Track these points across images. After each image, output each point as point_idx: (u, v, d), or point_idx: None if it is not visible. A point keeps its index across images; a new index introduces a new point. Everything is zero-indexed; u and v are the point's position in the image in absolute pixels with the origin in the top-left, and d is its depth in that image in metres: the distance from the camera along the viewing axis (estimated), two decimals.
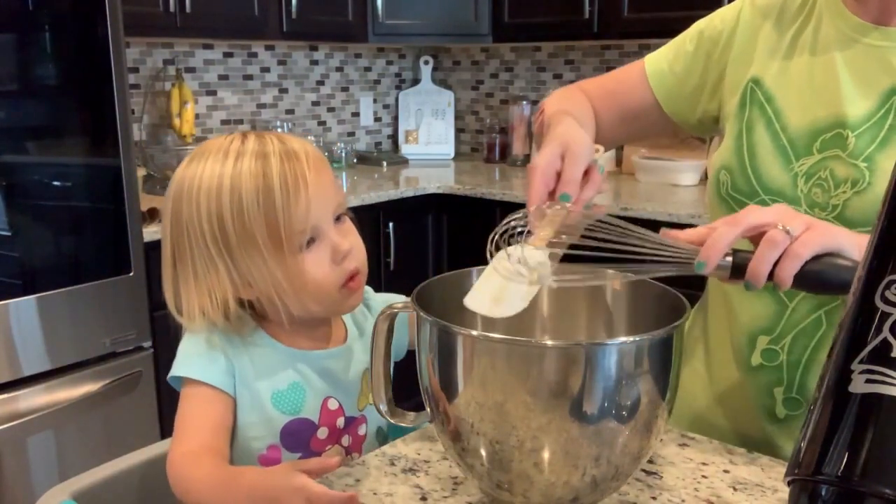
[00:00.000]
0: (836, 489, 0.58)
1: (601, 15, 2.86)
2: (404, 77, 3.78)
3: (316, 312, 0.92)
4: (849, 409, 0.59)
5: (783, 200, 0.93)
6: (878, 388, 0.57)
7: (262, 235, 0.86)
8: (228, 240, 0.86)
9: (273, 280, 0.88)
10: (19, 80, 1.95)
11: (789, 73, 0.97)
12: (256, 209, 0.85)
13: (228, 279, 0.88)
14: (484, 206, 2.87)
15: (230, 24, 2.73)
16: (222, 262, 0.88)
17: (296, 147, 0.90)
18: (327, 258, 0.90)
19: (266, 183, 0.86)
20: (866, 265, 0.63)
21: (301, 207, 0.87)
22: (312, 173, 0.88)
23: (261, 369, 0.92)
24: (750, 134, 0.98)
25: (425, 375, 0.75)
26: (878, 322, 0.59)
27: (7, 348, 1.91)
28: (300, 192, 0.87)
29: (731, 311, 1.00)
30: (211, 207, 0.86)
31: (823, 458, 0.59)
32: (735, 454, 0.90)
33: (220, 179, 0.86)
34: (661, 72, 1.10)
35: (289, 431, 0.92)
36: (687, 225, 2.35)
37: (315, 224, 0.89)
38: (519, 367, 0.68)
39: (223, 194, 0.86)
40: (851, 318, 0.62)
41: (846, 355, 0.61)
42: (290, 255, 0.87)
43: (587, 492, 0.73)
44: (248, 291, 0.90)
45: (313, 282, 0.89)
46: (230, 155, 0.87)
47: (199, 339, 0.91)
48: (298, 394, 0.93)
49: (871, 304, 0.60)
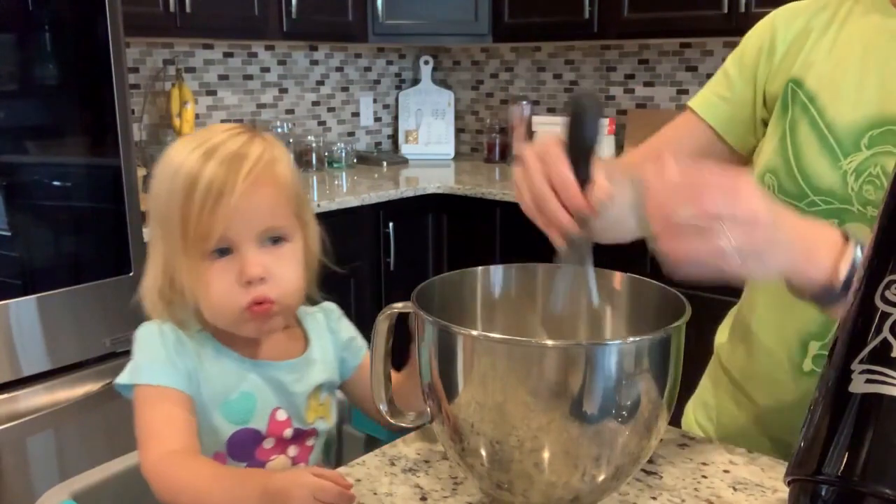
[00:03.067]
0: (836, 489, 0.58)
1: (601, 15, 2.86)
2: (404, 77, 3.78)
3: (219, 324, 0.91)
4: (849, 409, 0.59)
5: (834, 200, 0.92)
6: (878, 388, 0.57)
7: (177, 232, 0.86)
8: (164, 224, 0.88)
9: (186, 276, 0.87)
10: (19, 80, 1.95)
11: (832, 72, 0.95)
12: (178, 204, 0.85)
13: (162, 262, 0.89)
14: (484, 206, 2.87)
15: (230, 24, 2.73)
16: (161, 243, 0.89)
17: (251, 153, 0.86)
18: (233, 276, 0.87)
19: (195, 181, 0.85)
20: (866, 265, 0.63)
21: (216, 216, 0.84)
22: (247, 185, 0.84)
23: (212, 377, 0.91)
24: (794, 135, 0.96)
25: (426, 375, 0.75)
26: (878, 322, 0.59)
27: (7, 348, 1.91)
28: (221, 200, 0.84)
29: (782, 314, 0.98)
30: (161, 188, 0.88)
31: (823, 458, 0.59)
32: (735, 454, 0.90)
33: (172, 165, 0.87)
34: (711, 104, 1.06)
35: (235, 441, 0.91)
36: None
37: (229, 237, 0.86)
38: (519, 366, 0.68)
39: (167, 180, 0.87)
40: (851, 318, 0.62)
41: (846, 355, 0.61)
42: (199, 259, 0.86)
43: (587, 492, 0.73)
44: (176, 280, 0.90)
45: (215, 293, 0.87)
46: (199, 145, 0.87)
47: (155, 344, 0.90)
48: (248, 404, 0.92)
49: (871, 304, 0.60)
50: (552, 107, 3.46)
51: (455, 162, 3.61)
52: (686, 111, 1.09)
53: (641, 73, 3.18)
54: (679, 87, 3.08)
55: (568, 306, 0.81)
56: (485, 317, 0.87)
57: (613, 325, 0.86)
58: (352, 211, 2.74)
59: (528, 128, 3.36)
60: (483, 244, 2.90)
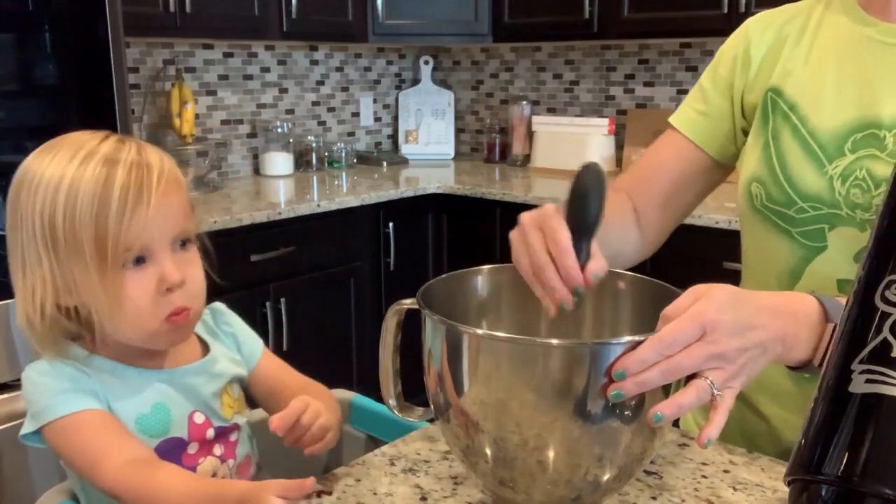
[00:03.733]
0: (836, 489, 0.58)
1: (601, 15, 2.86)
2: (404, 77, 3.78)
3: (132, 340, 0.87)
4: (849, 409, 0.59)
5: (822, 206, 0.92)
6: (878, 388, 0.57)
7: (90, 244, 0.81)
8: (56, 240, 0.82)
9: (92, 292, 0.83)
10: (19, 80, 1.95)
11: (810, 79, 0.96)
12: (89, 215, 0.81)
13: (51, 280, 0.84)
14: (484, 206, 2.87)
15: (230, 24, 2.73)
16: (47, 261, 0.83)
17: (151, 160, 0.85)
18: (152, 284, 0.84)
19: (105, 191, 0.81)
20: (866, 265, 0.63)
21: (135, 224, 0.82)
22: (159, 191, 0.83)
23: (119, 396, 0.88)
24: (777, 143, 0.97)
25: (432, 373, 0.75)
26: (878, 322, 0.59)
27: (7, 348, 1.91)
28: (139, 208, 0.82)
29: None
30: (45, 203, 0.82)
31: (823, 458, 0.59)
32: (735, 454, 0.90)
33: (62, 178, 0.82)
34: (691, 120, 1.08)
35: (161, 453, 0.89)
36: (686, 225, 2.35)
37: (147, 244, 0.84)
38: (523, 365, 0.68)
39: (60, 193, 0.82)
40: (851, 318, 0.62)
41: (846, 355, 0.61)
42: (112, 269, 0.82)
43: (589, 491, 0.73)
44: (68, 298, 0.85)
45: (131, 305, 0.84)
46: (79, 155, 0.83)
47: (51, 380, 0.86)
48: (163, 414, 0.90)
49: (871, 304, 0.60)
50: (552, 107, 3.46)
51: (455, 162, 3.61)
52: (668, 129, 1.11)
53: (641, 73, 3.18)
54: (679, 87, 3.08)
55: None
56: (490, 316, 0.88)
57: (617, 325, 0.87)
58: (352, 211, 2.74)
59: (528, 128, 3.36)
60: (483, 244, 2.90)
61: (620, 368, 0.66)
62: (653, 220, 1.10)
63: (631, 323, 0.85)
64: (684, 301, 0.70)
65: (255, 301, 2.49)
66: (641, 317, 0.82)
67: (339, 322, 2.81)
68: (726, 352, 0.68)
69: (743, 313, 0.70)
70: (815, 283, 0.95)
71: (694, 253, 2.29)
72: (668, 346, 0.67)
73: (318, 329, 2.72)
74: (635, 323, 0.85)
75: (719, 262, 2.07)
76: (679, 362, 0.67)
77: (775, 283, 0.99)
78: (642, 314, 0.82)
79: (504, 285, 0.87)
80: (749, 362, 0.70)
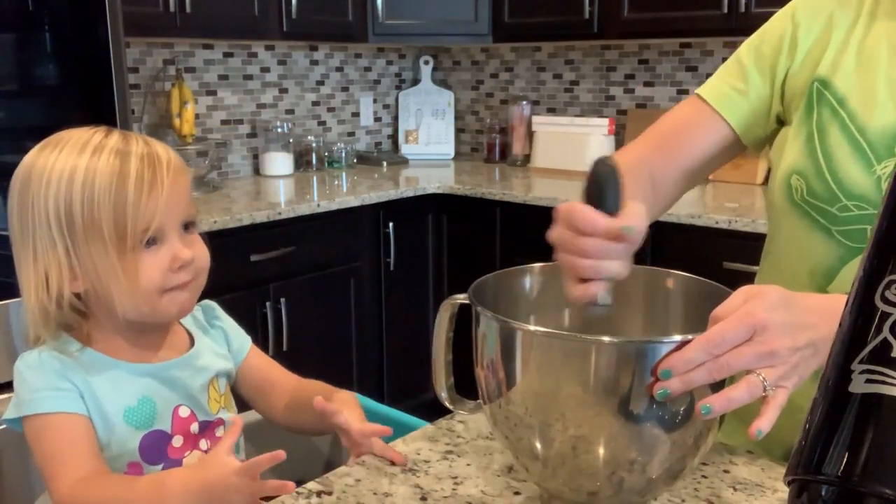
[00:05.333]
0: (836, 489, 0.58)
1: (601, 15, 2.86)
2: (404, 77, 3.78)
3: (142, 315, 0.93)
4: (849, 409, 0.58)
5: (867, 205, 0.90)
6: (878, 388, 0.57)
7: (108, 227, 0.88)
8: (74, 227, 0.88)
9: (112, 271, 0.89)
10: (19, 80, 1.95)
11: (861, 74, 0.93)
12: (107, 201, 0.87)
13: (66, 263, 0.89)
14: (484, 206, 2.87)
15: (230, 24, 2.73)
16: (62, 245, 0.89)
17: (159, 152, 0.92)
18: (165, 262, 0.91)
19: (122, 178, 0.88)
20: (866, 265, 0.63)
21: (151, 206, 0.89)
22: (170, 179, 0.90)
23: (107, 389, 0.92)
24: (823, 136, 0.94)
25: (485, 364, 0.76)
26: (878, 322, 0.59)
27: (7, 348, 1.91)
28: (154, 192, 0.89)
29: None
30: (60, 193, 0.88)
31: (823, 458, 0.59)
32: (735, 454, 0.90)
33: (74, 169, 0.88)
34: (727, 96, 1.02)
35: (144, 446, 0.94)
36: (686, 225, 2.35)
37: (160, 226, 0.90)
38: (572, 361, 0.69)
39: (75, 183, 0.88)
40: (851, 318, 0.62)
41: (846, 355, 0.61)
42: (130, 251, 0.89)
43: (608, 493, 0.73)
44: (76, 284, 0.91)
45: (147, 281, 0.90)
46: (88, 148, 0.89)
47: (37, 373, 0.91)
48: (149, 407, 0.94)
49: (871, 304, 0.60)
50: (552, 107, 3.46)
51: (455, 162, 3.61)
52: (695, 99, 1.05)
53: (641, 73, 3.18)
54: (679, 87, 3.08)
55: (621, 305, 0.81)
56: (539, 312, 0.88)
57: (668, 325, 0.86)
58: (352, 211, 2.74)
59: (528, 128, 3.36)
60: (483, 244, 2.90)
61: (666, 367, 0.66)
62: (667, 192, 1.05)
63: (682, 322, 0.85)
64: (734, 301, 0.70)
65: (255, 301, 2.49)
66: (692, 316, 0.82)
67: (339, 322, 2.81)
68: (777, 350, 0.67)
69: (793, 313, 0.69)
70: (849, 284, 0.92)
71: (694, 253, 2.29)
72: (715, 346, 0.66)
73: (318, 329, 2.72)
74: (686, 323, 0.84)
75: (719, 262, 2.07)
76: (727, 361, 0.67)
77: (807, 280, 0.96)
78: (693, 314, 0.81)
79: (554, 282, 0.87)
80: (801, 362, 0.69)
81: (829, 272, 0.94)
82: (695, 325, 0.74)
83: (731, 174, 2.86)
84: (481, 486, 0.84)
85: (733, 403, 0.67)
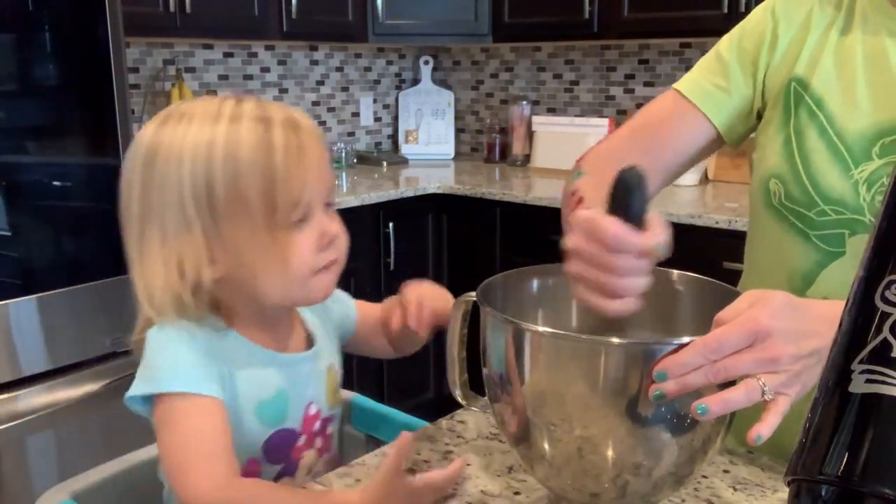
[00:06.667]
0: (836, 489, 0.58)
1: (601, 15, 2.86)
2: (404, 77, 3.78)
3: (295, 299, 0.87)
4: (849, 409, 0.58)
5: (845, 210, 0.90)
6: (878, 388, 0.57)
7: (257, 202, 0.79)
8: (215, 205, 0.79)
9: (260, 252, 0.81)
10: (19, 80, 1.95)
11: (838, 75, 0.92)
12: (254, 173, 0.78)
13: (204, 245, 0.80)
14: (484, 206, 2.87)
15: (230, 24, 2.73)
16: (200, 226, 0.80)
17: (297, 117, 0.84)
18: (313, 240, 0.82)
19: (268, 148, 0.79)
20: (866, 265, 0.63)
21: (300, 179, 0.80)
22: (314, 146, 0.83)
23: (246, 378, 0.85)
24: (801, 139, 0.93)
25: (494, 365, 0.75)
26: (878, 322, 0.59)
27: (7, 348, 1.91)
28: (303, 163, 0.81)
29: None
30: (198, 169, 0.79)
31: (823, 458, 0.58)
32: (735, 454, 0.90)
33: (213, 141, 0.79)
34: (708, 93, 1.01)
35: (272, 444, 0.87)
36: (687, 225, 2.35)
37: (309, 202, 0.82)
38: (580, 362, 0.69)
39: (215, 156, 0.79)
40: (851, 318, 0.62)
41: (846, 355, 0.61)
42: (281, 228, 0.80)
43: (612, 495, 0.72)
44: (215, 269, 0.81)
45: (298, 261, 0.82)
46: (223, 117, 0.80)
47: (181, 347, 0.82)
48: (283, 402, 0.87)
49: (871, 304, 0.60)
50: (552, 107, 3.46)
51: (455, 162, 3.61)
52: (674, 95, 1.03)
53: (641, 73, 3.18)
54: None
55: None
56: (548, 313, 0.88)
57: (677, 326, 0.84)
58: (352, 211, 2.74)
59: (528, 128, 3.36)
60: (483, 244, 2.90)
61: (661, 369, 0.65)
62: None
63: (691, 324, 0.84)
64: (739, 305, 0.68)
65: None
66: (702, 318, 0.80)
67: None
68: (779, 358, 0.66)
69: (799, 321, 0.68)
70: (828, 288, 0.92)
71: (694, 253, 2.29)
72: (712, 351, 0.65)
73: None
74: (695, 324, 0.82)
75: (719, 262, 2.07)
76: (725, 366, 0.65)
77: (786, 285, 0.95)
78: (702, 315, 0.80)
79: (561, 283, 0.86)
80: (805, 370, 0.67)
81: (807, 276, 0.94)
82: (704, 328, 0.73)
83: (731, 174, 2.86)
84: (481, 486, 0.84)
85: (730, 405, 0.66)
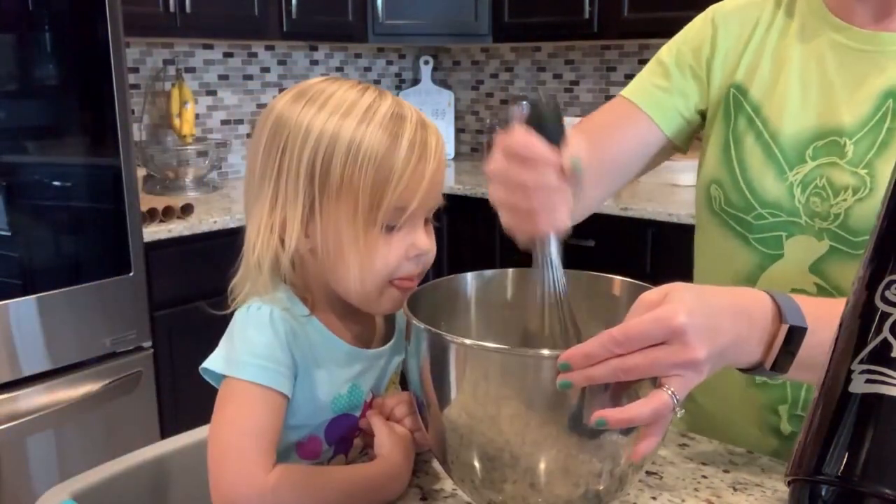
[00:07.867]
0: (836, 489, 0.58)
1: (601, 15, 2.86)
2: (404, 77, 3.78)
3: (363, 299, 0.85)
4: (849, 409, 0.58)
5: (781, 213, 0.91)
6: (878, 388, 0.57)
7: (365, 193, 0.79)
8: (327, 186, 0.80)
9: (353, 239, 0.80)
10: (19, 80, 1.95)
11: (775, 81, 0.94)
12: (371, 169, 0.79)
13: (304, 219, 0.81)
14: (484, 206, 2.84)
15: (230, 24, 2.73)
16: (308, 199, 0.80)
17: (429, 138, 0.83)
18: (402, 249, 0.82)
19: (394, 149, 0.79)
20: (866, 265, 0.63)
21: (414, 189, 0.80)
22: (434, 165, 0.82)
23: (324, 373, 0.85)
24: (739, 145, 0.95)
25: (415, 384, 0.73)
26: (878, 322, 0.59)
27: (7, 348, 1.91)
28: (422, 174, 0.80)
29: None
30: (319, 153, 0.79)
31: (823, 458, 0.59)
32: (735, 454, 0.90)
33: (338, 135, 0.79)
34: (649, 94, 1.02)
35: (334, 426, 0.87)
36: (687, 226, 2.35)
37: (414, 211, 0.81)
38: (513, 377, 0.65)
39: (339, 147, 0.79)
40: (851, 318, 0.62)
41: (846, 355, 0.61)
42: (377, 227, 0.80)
43: None
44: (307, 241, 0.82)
45: (382, 263, 0.81)
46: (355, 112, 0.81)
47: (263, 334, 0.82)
48: (357, 394, 0.88)
49: (871, 304, 0.60)
50: None
51: (455, 162, 3.61)
52: (618, 99, 1.05)
53: None
54: None
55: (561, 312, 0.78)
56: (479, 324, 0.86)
57: None
58: None
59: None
60: (483, 244, 2.90)
61: (564, 361, 0.62)
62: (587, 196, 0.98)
63: None
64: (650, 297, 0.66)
65: None
66: None
67: None
68: (697, 359, 0.63)
69: (710, 316, 0.65)
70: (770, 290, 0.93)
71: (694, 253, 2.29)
72: (617, 344, 0.62)
73: None
74: None
75: None
76: (635, 363, 0.62)
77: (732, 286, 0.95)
78: None
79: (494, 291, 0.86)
80: (710, 370, 0.65)
81: (749, 279, 0.95)
82: None
83: None
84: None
85: (633, 424, 0.63)
